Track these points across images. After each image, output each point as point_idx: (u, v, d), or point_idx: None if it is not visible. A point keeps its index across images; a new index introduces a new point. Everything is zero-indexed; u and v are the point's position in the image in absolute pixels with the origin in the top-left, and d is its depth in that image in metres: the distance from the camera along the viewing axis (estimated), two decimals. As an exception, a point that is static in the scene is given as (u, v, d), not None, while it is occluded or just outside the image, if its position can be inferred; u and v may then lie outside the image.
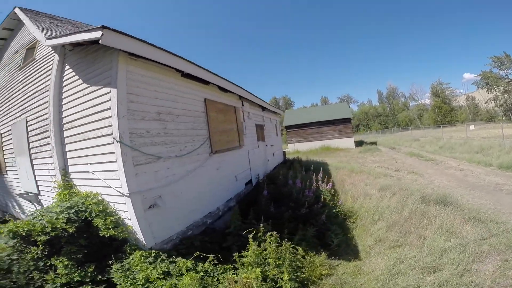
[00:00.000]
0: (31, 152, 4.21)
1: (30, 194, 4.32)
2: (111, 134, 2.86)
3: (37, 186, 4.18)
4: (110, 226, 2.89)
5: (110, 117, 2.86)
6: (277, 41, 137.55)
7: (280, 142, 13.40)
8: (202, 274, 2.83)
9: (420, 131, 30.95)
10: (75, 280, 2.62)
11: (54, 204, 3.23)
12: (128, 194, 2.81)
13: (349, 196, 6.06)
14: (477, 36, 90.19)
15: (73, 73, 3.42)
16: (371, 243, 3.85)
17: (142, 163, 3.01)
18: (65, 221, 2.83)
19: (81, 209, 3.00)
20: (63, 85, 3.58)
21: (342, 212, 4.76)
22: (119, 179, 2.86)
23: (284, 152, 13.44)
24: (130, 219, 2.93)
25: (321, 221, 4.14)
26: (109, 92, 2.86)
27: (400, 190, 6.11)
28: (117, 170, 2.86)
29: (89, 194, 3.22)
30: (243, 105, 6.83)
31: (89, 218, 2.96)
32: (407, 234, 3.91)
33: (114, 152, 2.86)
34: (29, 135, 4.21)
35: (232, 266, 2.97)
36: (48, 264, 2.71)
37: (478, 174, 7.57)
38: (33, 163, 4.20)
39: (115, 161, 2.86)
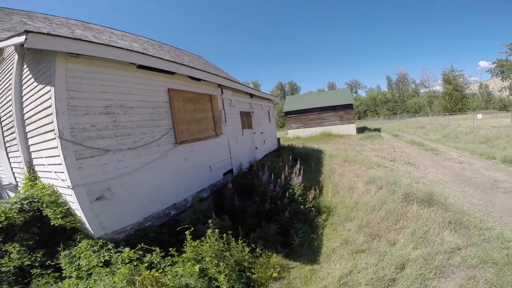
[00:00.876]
0: (6, 146, 4.44)
1: (11, 185, 4.62)
2: (53, 130, 2.92)
3: (15, 177, 4.45)
4: (59, 216, 3.03)
5: (51, 114, 2.91)
6: (283, 21, 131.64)
7: (274, 129, 13.11)
8: (146, 265, 2.92)
9: (427, 118, 29.33)
10: (25, 264, 2.83)
11: (14, 195, 3.43)
12: (71, 187, 2.90)
13: (330, 190, 5.82)
14: (496, 23, 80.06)
15: (28, 72, 3.48)
16: (336, 244, 3.65)
17: (87, 156, 3.06)
18: (17, 211, 3.00)
19: (35, 200, 3.15)
20: (23, 83, 3.66)
21: (313, 209, 4.52)
22: (63, 172, 2.94)
23: (278, 139, 13.21)
24: (78, 210, 3.04)
25: (285, 218, 3.97)
26: (50, 91, 2.91)
27: (387, 184, 5.73)
28: (61, 164, 2.94)
29: (45, 186, 3.37)
30: (222, 92, 6.67)
31: (41, 208, 3.12)
32: (377, 238, 3.64)
33: (57, 147, 2.93)
34: (3, 130, 4.43)
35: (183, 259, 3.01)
36: (3, 249, 2.94)
37: (477, 168, 7.03)
38: (9, 156, 4.45)
39: (58, 155, 2.93)
